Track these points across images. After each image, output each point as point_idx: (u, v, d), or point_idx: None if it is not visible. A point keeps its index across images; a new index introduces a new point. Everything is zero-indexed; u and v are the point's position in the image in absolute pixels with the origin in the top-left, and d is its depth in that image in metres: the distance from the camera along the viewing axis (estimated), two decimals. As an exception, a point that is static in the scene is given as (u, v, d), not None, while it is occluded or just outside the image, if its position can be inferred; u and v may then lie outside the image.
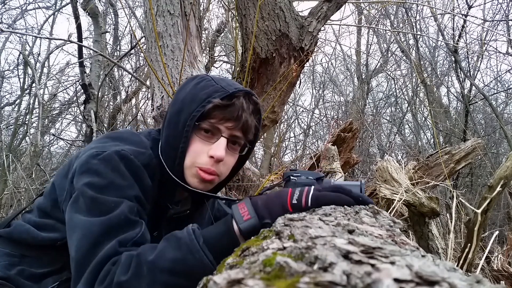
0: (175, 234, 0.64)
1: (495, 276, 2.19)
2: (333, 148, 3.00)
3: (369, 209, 0.60)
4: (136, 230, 0.69)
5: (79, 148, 5.89)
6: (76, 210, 0.69)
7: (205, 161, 0.80)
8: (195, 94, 0.80)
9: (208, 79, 0.84)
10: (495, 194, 1.79)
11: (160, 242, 0.64)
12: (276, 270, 0.30)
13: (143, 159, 0.77)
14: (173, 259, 0.60)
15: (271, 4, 1.96)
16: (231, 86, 0.81)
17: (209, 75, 0.88)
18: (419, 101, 7.83)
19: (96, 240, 0.64)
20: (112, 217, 0.67)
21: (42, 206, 0.84)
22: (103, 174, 0.71)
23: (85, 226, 0.66)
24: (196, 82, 0.84)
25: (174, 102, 0.85)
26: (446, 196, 4.64)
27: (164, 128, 0.85)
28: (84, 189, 0.69)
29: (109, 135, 0.85)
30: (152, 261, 0.60)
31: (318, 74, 8.63)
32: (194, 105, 0.79)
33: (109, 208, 0.68)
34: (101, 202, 0.68)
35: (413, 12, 7.14)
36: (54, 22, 6.61)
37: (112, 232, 0.66)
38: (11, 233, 0.83)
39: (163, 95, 1.77)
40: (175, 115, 0.82)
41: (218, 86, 0.80)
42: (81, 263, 0.64)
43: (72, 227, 0.69)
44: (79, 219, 0.68)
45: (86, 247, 0.64)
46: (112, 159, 0.72)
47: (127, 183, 0.73)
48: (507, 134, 5.35)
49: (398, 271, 0.27)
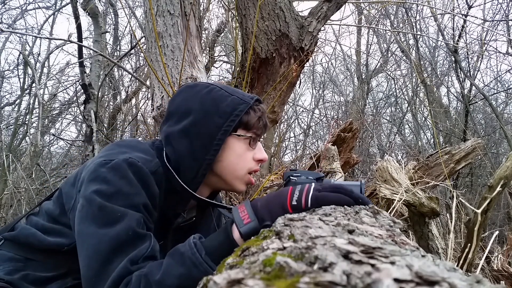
0: (178, 249, 0.66)
1: (495, 276, 2.19)
2: (333, 148, 3.00)
3: (369, 209, 0.60)
4: (146, 244, 0.69)
5: (79, 148, 5.90)
6: (84, 219, 0.70)
7: (254, 165, 0.89)
8: (216, 107, 0.83)
9: (217, 88, 0.86)
10: (495, 194, 1.79)
11: (165, 258, 0.65)
12: (276, 270, 0.30)
13: (151, 166, 0.78)
14: (179, 275, 0.61)
15: (271, 4, 1.96)
16: (245, 95, 0.87)
17: (212, 83, 0.90)
18: (419, 101, 7.83)
19: (105, 258, 0.65)
20: (120, 233, 0.67)
21: (50, 211, 0.84)
22: (111, 182, 0.71)
23: (93, 242, 0.67)
24: (206, 91, 0.86)
25: (185, 112, 0.85)
26: (446, 196, 4.65)
27: (175, 140, 0.84)
28: (93, 196, 0.70)
29: (117, 143, 0.85)
30: (159, 281, 0.61)
31: (318, 74, 8.64)
32: (219, 119, 0.82)
33: (116, 218, 0.68)
34: (108, 211, 0.69)
35: (413, 12, 7.14)
36: (54, 22, 6.62)
37: (122, 249, 0.66)
38: (16, 236, 0.83)
39: (163, 95, 1.77)
40: (194, 128, 0.83)
41: (235, 97, 0.85)
42: (93, 282, 0.65)
43: (81, 240, 0.69)
44: (88, 230, 0.68)
45: (96, 267, 0.65)
46: (121, 167, 0.73)
47: (135, 191, 0.73)
48: (507, 134, 5.35)
49: (398, 271, 0.27)
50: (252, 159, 0.88)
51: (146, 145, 0.86)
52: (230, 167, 0.86)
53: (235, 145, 0.85)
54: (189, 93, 0.87)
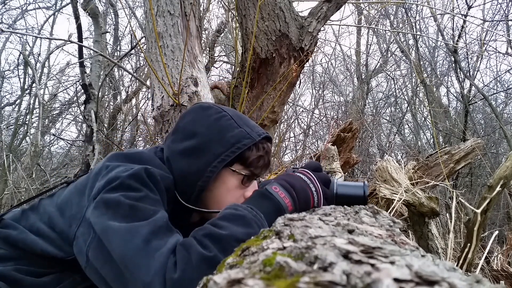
0: (232, 213, 0.67)
1: (494, 276, 2.19)
2: (333, 148, 3.00)
3: (369, 209, 0.60)
4: (179, 236, 0.68)
5: (80, 148, 5.90)
6: (111, 218, 0.66)
7: (241, 201, 0.84)
8: (221, 135, 0.83)
9: (228, 117, 0.86)
10: (494, 194, 1.79)
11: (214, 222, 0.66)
12: (276, 270, 0.30)
13: (167, 183, 0.78)
14: (248, 233, 0.61)
15: (271, 4, 1.96)
16: (254, 131, 0.86)
17: (226, 110, 0.89)
18: (418, 101, 7.83)
19: (146, 238, 0.63)
20: (157, 220, 0.66)
21: (52, 215, 0.79)
22: (136, 189, 0.70)
23: (130, 228, 0.64)
24: (216, 117, 0.86)
25: (190, 133, 0.85)
26: (445, 196, 4.64)
27: (175, 159, 0.84)
28: (121, 199, 0.68)
29: (129, 156, 0.82)
30: (227, 235, 0.61)
31: (318, 74, 8.62)
32: (220, 148, 0.82)
33: (149, 214, 0.67)
34: (140, 209, 0.67)
35: (412, 12, 7.14)
36: (54, 22, 6.62)
37: (160, 232, 0.65)
38: (7, 236, 0.78)
39: (163, 95, 1.77)
40: (195, 149, 0.83)
41: (242, 130, 0.84)
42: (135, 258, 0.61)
43: (111, 233, 0.64)
44: (119, 225, 0.65)
45: (138, 244, 0.62)
46: (142, 176, 0.72)
47: (158, 197, 0.73)
48: (507, 134, 5.35)
49: (398, 271, 0.27)
50: (242, 197, 0.86)
51: (157, 160, 0.85)
52: (216, 199, 0.86)
53: (227, 179, 0.85)
54: (200, 115, 0.88)
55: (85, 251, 0.67)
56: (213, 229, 0.64)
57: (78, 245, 0.70)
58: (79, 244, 0.70)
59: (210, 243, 0.61)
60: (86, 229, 0.69)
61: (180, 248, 0.62)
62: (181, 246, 0.62)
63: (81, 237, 0.70)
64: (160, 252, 0.61)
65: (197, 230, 0.66)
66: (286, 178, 0.79)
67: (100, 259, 0.65)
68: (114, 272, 0.63)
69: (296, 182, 0.78)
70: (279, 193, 0.75)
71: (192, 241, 0.63)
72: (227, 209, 0.70)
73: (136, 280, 0.60)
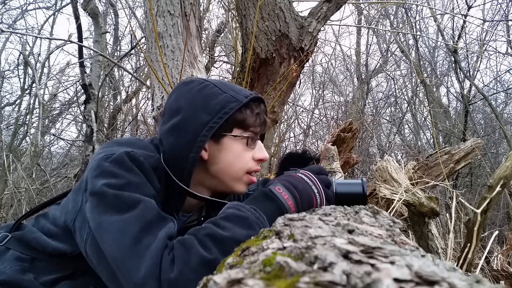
0: (234, 214, 0.66)
1: (494, 276, 2.19)
2: (333, 148, 3.00)
3: (368, 209, 0.60)
4: (171, 224, 0.68)
5: (80, 148, 5.90)
6: (101, 211, 0.66)
7: (254, 165, 0.86)
8: (205, 103, 0.81)
9: (211, 85, 0.84)
10: (494, 194, 1.79)
11: (216, 222, 0.65)
12: (276, 270, 0.30)
13: (152, 162, 0.77)
14: (250, 235, 0.60)
15: (271, 4, 1.97)
16: (240, 93, 0.83)
17: (208, 80, 0.87)
18: (418, 101, 7.83)
19: (136, 236, 0.62)
20: (145, 213, 0.65)
21: (56, 217, 0.82)
22: (118, 175, 0.69)
23: (118, 226, 0.63)
24: (198, 88, 0.84)
25: (175, 110, 0.84)
26: (445, 196, 4.64)
27: (164, 138, 0.84)
28: (104, 189, 0.67)
29: (115, 141, 0.83)
30: (229, 237, 0.61)
31: (318, 74, 8.61)
32: (206, 116, 0.79)
33: (136, 201, 0.66)
34: (126, 197, 0.66)
35: (412, 12, 7.14)
36: (54, 22, 6.61)
37: (151, 227, 0.64)
38: (23, 237, 0.81)
39: (163, 95, 1.77)
40: (181, 123, 0.81)
41: (228, 95, 0.82)
42: (122, 262, 0.60)
43: (102, 231, 0.64)
44: (109, 220, 0.64)
45: (125, 246, 0.61)
46: (124, 160, 0.71)
47: (143, 181, 0.72)
48: (507, 134, 5.35)
49: (398, 271, 0.27)
50: (251, 159, 0.86)
51: (145, 142, 0.85)
52: (227, 169, 0.84)
53: (231, 146, 0.83)
54: (183, 90, 0.86)
55: (83, 246, 0.68)
56: (215, 229, 0.63)
57: (77, 240, 0.72)
58: (78, 239, 0.71)
59: (211, 244, 0.61)
60: (82, 223, 0.70)
61: (179, 246, 0.61)
62: (180, 245, 0.62)
63: (79, 232, 0.71)
64: (150, 250, 0.60)
65: (198, 229, 0.65)
66: (289, 179, 0.78)
67: (95, 257, 0.66)
68: (109, 271, 0.63)
69: (299, 184, 0.77)
70: (283, 194, 0.74)
71: (193, 241, 0.62)
72: (230, 208, 0.69)
73: (127, 282, 0.59)
